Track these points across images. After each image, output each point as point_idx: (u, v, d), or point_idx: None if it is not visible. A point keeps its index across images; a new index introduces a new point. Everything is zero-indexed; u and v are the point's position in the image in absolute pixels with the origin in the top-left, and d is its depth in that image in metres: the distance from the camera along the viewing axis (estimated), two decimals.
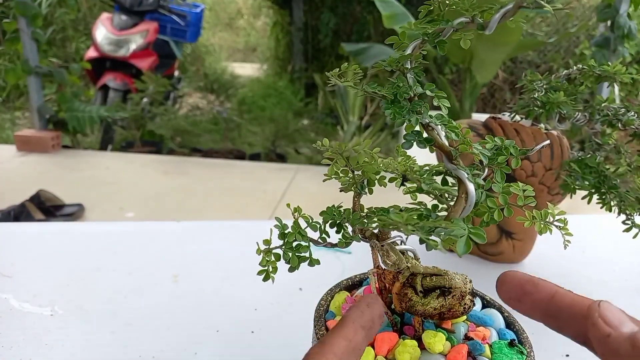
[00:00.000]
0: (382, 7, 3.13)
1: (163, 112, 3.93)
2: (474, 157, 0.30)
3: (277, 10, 6.57)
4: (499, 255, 0.67)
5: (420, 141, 0.28)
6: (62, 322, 0.51)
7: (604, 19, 2.82)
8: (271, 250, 0.29)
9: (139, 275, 0.62)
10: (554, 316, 0.25)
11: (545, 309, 0.25)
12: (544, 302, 0.25)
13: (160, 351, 0.48)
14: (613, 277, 0.66)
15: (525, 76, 0.63)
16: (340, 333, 0.24)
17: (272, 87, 5.93)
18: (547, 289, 0.25)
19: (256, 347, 0.49)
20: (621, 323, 0.22)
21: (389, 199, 0.32)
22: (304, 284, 0.60)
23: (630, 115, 0.56)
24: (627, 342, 0.21)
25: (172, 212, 2.45)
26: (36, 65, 3.30)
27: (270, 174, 3.20)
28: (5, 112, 4.99)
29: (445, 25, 0.27)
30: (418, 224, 0.24)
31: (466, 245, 0.24)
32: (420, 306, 0.30)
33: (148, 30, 4.39)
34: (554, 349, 0.49)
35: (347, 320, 0.25)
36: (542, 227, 0.28)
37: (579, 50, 4.84)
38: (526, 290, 0.26)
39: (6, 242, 0.69)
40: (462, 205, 0.28)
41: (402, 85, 0.28)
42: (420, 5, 0.28)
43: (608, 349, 0.22)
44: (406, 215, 0.25)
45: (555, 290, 0.25)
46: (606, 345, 0.22)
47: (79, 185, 2.74)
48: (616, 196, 0.54)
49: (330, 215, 0.29)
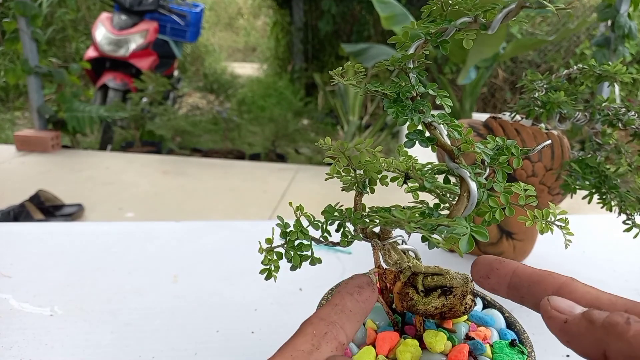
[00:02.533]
0: (381, 9, 3.13)
1: (163, 112, 3.93)
2: (476, 157, 0.30)
3: (277, 10, 6.57)
4: (499, 255, 0.67)
5: (423, 140, 0.28)
6: (62, 322, 0.51)
7: (604, 18, 2.82)
8: (273, 249, 0.29)
9: (138, 275, 0.62)
10: (515, 288, 0.27)
11: (508, 283, 0.27)
12: (507, 276, 0.27)
13: (160, 351, 0.47)
14: (613, 277, 0.66)
15: (525, 76, 0.63)
16: (329, 302, 0.26)
17: (272, 87, 5.93)
18: (510, 265, 0.27)
19: (256, 347, 0.49)
20: (572, 308, 0.24)
21: (390, 199, 0.32)
22: (304, 284, 0.60)
23: (630, 115, 0.56)
24: (583, 320, 0.22)
25: (172, 212, 2.45)
26: (36, 65, 3.30)
27: (270, 174, 3.20)
28: (5, 112, 4.99)
29: (448, 25, 0.27)
30: (421, 222, 0.24)
31: (469, 244, 0.24)
32: (421, 305, 0.30)
33: (148, 30, 4.39)
34: (554, 349, 0.49)
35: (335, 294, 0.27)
36: (544, 226, 0.28)
37: (580, 50, 4.85)
38: (493, 267, 0.27)
39: (6, 242, 0.69)
40: (464, 203, 0.28)
41: (405, 85, 0.28)
42: (421, 5, 0.28)
43: (569, 333, 0.23)
44: (409, 213, 0.25)
45: (516, 266, 0.27)
46: (566, 330, 0.23)
47: (78, 185, 2.74)
48: (617, 196, 0.53)
49: (332, 214, 0.29)
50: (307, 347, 0.23)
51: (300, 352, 0.22)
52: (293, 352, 0.22)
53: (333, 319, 0.25)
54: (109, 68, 4.27)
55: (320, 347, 0.23)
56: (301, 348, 0.22)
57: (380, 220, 0.26)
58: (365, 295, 0.27)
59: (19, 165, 3.07)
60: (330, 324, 0.24)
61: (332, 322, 0.24)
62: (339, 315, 0.25)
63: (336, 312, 0.25)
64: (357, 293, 0.27)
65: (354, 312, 0.26)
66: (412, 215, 0.25)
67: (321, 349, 0.23)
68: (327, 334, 0.24)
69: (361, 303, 0.26)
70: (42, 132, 3.43)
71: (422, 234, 0.25)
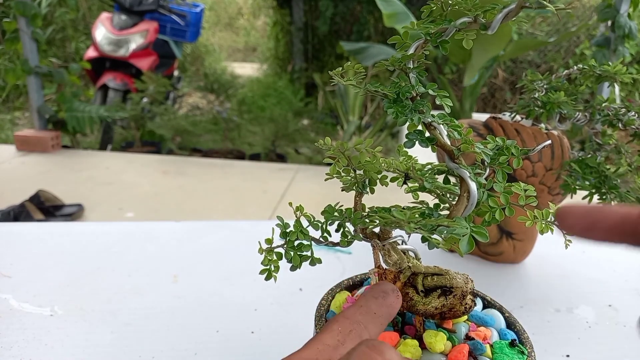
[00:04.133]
0: (383, 6, 3.13)
1: (163, 112, 3.93)
2: (476, 157, 0.30)
3: (277, 10, 6.57)
4: (499, 255, 0.67)
5: (423, 140, 0.28)
6: (62, 322, 0.51)
7: (604, 19, 2.82)
8: (273, 249, 0.29)
9: (138, 275, 0.62)
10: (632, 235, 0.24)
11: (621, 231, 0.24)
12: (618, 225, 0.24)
13: (160, 351, 0.47)
14: (613, 278, 0.66)
15: (525, 76, 0.63)
16: (355, 304, 0.27)
17: (272, 87, 5.92)
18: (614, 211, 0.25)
19: (256, 347, 0.49)
20: None
21: (390, 199, 0.32)
22: (304, 284, 0.60)
23: (630, 115, 0.56)
24: None
25: (171, 212, 2.45)
26: (36, 65, 3.30)
27: (270, 174, 3.20)
28: (5, 112, 4.99)
29: (448, 25, 0.27)
30: (421, 222, 0.24)
31: (469, 244, 0.25)
32: (421, 305, 0.30)
33: (148, 30, 4.39)
34: (554, 349, 0.49)
35: (361, 297, 0.28)
36: (544, 226, 0.28)
37: (579, 50, 4.84)
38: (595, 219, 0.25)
39: (6, 242, 0.69)
40: (464, 204, 0.28)
41: (405, 85, 0.28)
42: (421, 4, 0.28)
43: None
44: (409, 213, 0.25)
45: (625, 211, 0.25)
46: None
47: (78, 185, 2.74)
48: (617, 196, 0.53)
49: (332, 214, 0.29)
50: (332, 342, 0.24)
51: (326, 346, 0.24)
52: (320, 345, 0.24)
53: (358, 319, 0.26)
54: (109, 68, 4.27)
55: (345, 343, 0.24)
56: (327, 342, 0.24)
57: (380, 221, 0.27)
58: (390, 300, 0.28)
59: (19, 165, 3.07)
60: (355, 323, 0.25)
61: (357, 321, 0.26)
62: (363, 316, 0.26)
63: (361, 313, 0.26)
64: (382, 297, 0.28)
65: (378, 315, 0.27)
66: (412, 215, 0.25)
67: (346, 344, 0.24)
68: (351, 332, 0.25)
69: (385, 307, 0.27)
70: (42, 132, 3.43)
71: (422, 235, 0.25)
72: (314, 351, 0.23)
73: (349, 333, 0.25)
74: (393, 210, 0.27)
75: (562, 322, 0.55)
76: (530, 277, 0.66)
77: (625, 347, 0.52)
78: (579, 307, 0.58)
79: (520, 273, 0.67)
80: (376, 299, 0.27)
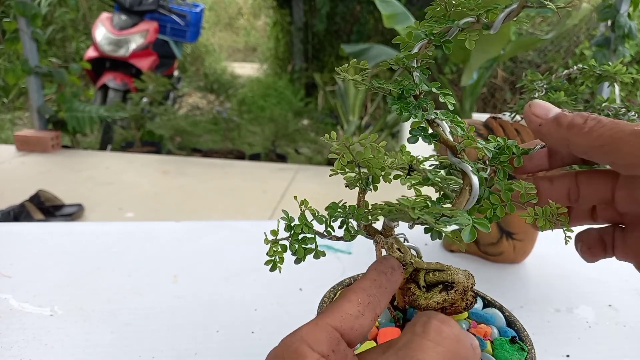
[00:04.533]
0: (382, 7, 3.13)
1: (163, 112, 3.93)
2: (478, 153, 0.30)
3: (277, 10, 6.57)
4: (499, 255, 0.67)
5: (426, 136, 0.28)
6: (62, 322, 0.51)
7: (604, 18, 2.82)
8: (278, 241, 0.29)
9: (138, 275, 0.62)
10: None
11: None
12: None
13: (160, 351, 0.47)
14: (613, 278, 0.66)
15: (525, 76, 0.63)
16: (364, 277, 0.28)
17: (272, 87, 5.93)
18: None
19: (256, 347, 0.49)
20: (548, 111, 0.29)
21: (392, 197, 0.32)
22: (304, 284, 0.60)
23: (630, 115, 0.56)
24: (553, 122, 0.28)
25: (171, 212, 2.45)
26: (36, 65, 3.30)
27: (270, 174, 3.20)
28: (5, 112, 4.99)
29: (452, 25, 0.27)
30: (426, 208, 0.25)
31: (471, 234, 0.25)
32: (423, 300, 0.30)
33: (148, 30, 4.39)
34: (554, 349, 0.49)
35: (367, 271, 0.29)
36: (544, 223, 0.28)
37: (579, 50, 4.85)
38: None
39: (6, 242, 0.69)
40: (466, 197, 0.28)
41: (408, 83, 0.28)
42: (421, 5, 0.28)
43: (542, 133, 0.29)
44: (413, 200, 0.25)
45: None
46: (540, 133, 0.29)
47: (78, 185, 2.74)
48: None
49: (335, 210, 0.30)
50: (354, 312, 0.25)
51: (349, 316, 0.24)
52: (343, 314, 0.24)
53: (373, 292, 0.26)
54: (109, 68, 4.27)
55: (364, 314, 0.25)
56: (349, 312, 0.25)
57: (385, 209, 0.27)
58: (396, 276, 0.28)
59: (19, 165, 3.07)
60: (372, 296, 0.26)
61: (372, 294, 0.26)
62: (377, 290, 0.27)
63: (376, 286, 0.27)
64: (390, 274, 0.28)
65: (388, 290, 0.27)
66: (416, 202, 0.25)
67: (365, 315, 0.25)
68: (369, 304, 0.25)
69: (392, 283, 0.28)
70: (42, 132, 3.43)
71: (426, 225, 0.25)
72: (338, 319, 0.24)
73: (367, 305, 0.25)
74: (397, 199, 0.27)
75: (562, 322, 0.55)
76: (530, 277, 0.66)
77: (625, 347, 0.52)
78: (579, 307, 0.58)
79: (520, 273, 0.67)
80: (385, 274, 0.28)
